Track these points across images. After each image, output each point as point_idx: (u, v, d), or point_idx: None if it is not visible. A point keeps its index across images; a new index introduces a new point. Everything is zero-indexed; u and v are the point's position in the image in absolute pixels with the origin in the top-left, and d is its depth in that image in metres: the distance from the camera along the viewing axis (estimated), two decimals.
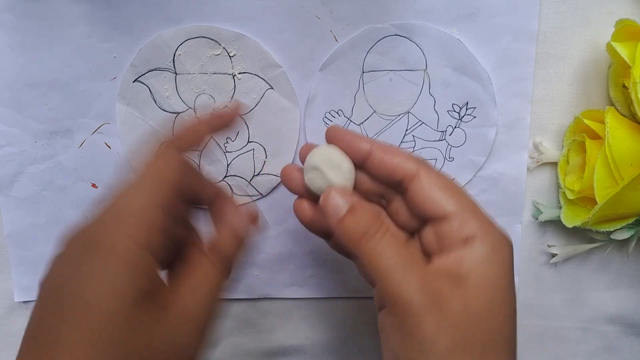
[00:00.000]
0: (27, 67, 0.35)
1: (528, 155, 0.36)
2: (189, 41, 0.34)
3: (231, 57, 0.35)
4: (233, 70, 0.35)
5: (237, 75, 0.35)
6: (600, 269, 0.38)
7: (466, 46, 0.34)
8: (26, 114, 0.35)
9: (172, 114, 0.36)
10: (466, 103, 0.35)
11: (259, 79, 0.35)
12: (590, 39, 0.35)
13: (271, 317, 0.39)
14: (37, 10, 0.34)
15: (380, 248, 0.25)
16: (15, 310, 0.39)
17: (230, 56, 0.35)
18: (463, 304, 0.24)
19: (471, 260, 0.25)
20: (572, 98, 0.36)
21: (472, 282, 0.24)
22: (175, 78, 0.35)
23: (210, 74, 0.35)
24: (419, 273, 0.24)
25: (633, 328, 0.39)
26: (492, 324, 0.24)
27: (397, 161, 0.26)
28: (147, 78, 0.35)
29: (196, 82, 0.35)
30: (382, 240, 0.25)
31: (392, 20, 0.34)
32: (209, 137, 0.34)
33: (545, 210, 0.36)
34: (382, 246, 0.25)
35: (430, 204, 0.26)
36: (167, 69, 0.35)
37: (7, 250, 0.38)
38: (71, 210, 0.37)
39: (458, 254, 0.25)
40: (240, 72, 0.35)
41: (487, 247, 0.25)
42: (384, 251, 0.25)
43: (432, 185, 0.26)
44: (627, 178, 0.31)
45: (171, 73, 0.35)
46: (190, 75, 0.35)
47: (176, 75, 0.35)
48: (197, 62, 0.35)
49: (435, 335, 0.23)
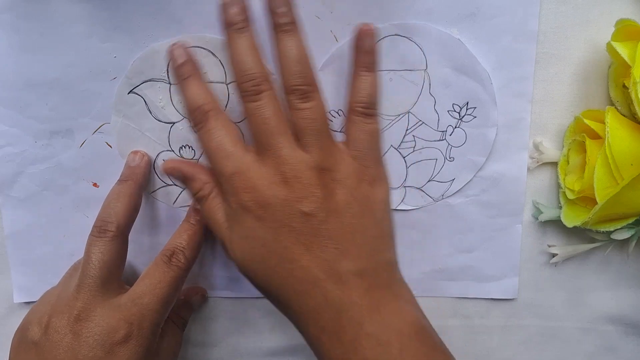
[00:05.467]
0: (27, 67, 0.35)
1: (528, 155, 0.36)
2: None
3: (224, 65, 0.35)
4: (226, 79, 0.35)
5: (231, 83, 0.35)
6: (600, 269, 0.38)
7: (466, 46, 0.34)
8: (26, 114, 0.35)
9: (168, 124, 0.36)
10: (466, 103, 0.35)
11: None
12: (590, 39, 0.35)
13: (271, 317, 0.39)
14: (37, 10, 0.34)
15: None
16: (14, 310, 0.39)
17: (223, 65, 0.35)
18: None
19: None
20: (572, 98, 0.36)
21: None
22: (169, 88, 0.35)
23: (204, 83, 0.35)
24: None
25: (633, 328, 0.39)
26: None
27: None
28: (141, 89, 0.35)
29: None
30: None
31: (392, 20, 0.34)
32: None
33: (546, 210, 0.36)
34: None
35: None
36: (161, 79, 0.35)
37: (7, 251, 0.38)
38: (72, 210, 0.37)
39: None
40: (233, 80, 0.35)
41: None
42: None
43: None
44: (627, 178, 0.31)
45: (165, 83, 0.35)
46: None
47: (170, 86, 0.35)
48: None
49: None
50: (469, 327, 0.39)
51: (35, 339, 0.30)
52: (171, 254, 0.33)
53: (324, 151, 0.30)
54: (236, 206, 0.30)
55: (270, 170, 0.30)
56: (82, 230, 0.34)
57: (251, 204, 0.30)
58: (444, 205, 0.37)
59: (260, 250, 0.30)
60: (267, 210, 0.29)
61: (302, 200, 0.29)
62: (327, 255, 0.29)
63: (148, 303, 0.32)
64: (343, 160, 0.31)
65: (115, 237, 0.32)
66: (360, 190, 0.31)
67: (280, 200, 0.29)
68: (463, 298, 0.39)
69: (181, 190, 0.37)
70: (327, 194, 0.30)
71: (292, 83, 0.30)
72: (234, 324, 0.40)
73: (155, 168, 0.36)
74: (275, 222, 0.29)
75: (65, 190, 0.37)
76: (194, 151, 0.36)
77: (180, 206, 0.37)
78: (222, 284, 0.39)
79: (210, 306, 0.39)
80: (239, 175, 0.30)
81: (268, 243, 0.29)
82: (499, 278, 0.38)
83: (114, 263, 0.32)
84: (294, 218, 0.29)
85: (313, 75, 0.31)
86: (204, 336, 0.40)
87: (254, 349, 0.40)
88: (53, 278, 0.36)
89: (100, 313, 0.31)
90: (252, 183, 0.30)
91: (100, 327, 0.30)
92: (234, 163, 0.30)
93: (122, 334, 0.30)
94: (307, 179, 0.30)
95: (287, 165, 0.30)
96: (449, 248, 0.38)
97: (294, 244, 0.29)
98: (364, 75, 0.32)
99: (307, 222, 0.29)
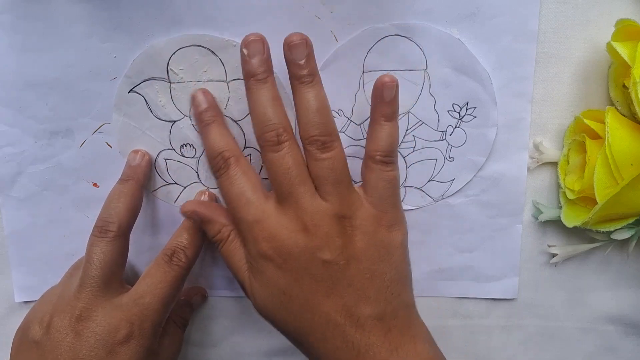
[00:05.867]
0: (27, 67, 0.35)
1: (528, 155, 0.36)
2: (182, 50, 0.34)
3: (224, 64, 0.35)
4: (227, 77, 0.35)
5: (231, 82, 0.35)
6: (600, 269, 0.38)
7: (466, 46, 0.34)
8: (26, 114, 0.35)
9: (169, 123, 0.36)
10: (466, 103, 0.35)
11: None
12: (590, 39, 0.35)
13: None
14: (37, 10, 0.34)
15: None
16: (15, 310, 0.39)
17: (223, 63, 0.35)
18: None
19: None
20: (572, 98, 0.36)
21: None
22: (169, 87, 0.35)
23: (204, 81, 0.35)
24: None
25: (633, 328, 0.39)
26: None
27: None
28: (141, 88, 0.35)
29: (191, 90, 0.35)
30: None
31: (392, 20, 0.34)
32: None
33: (546, 210, 0.36)
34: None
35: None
36: (161, 78, 0.35)
37: (8, 251, 0.38)
38: (72, 210, 0.37)
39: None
40: (234, 78, 0.35)
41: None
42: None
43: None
44: (627, 178, 0.31)
45: (165, 82, 0.35)
46: (185, 84, 0.35)
47: (170, 84, 0.35)
48: (190, 71, 0.35)
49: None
50: (469, 327, 0.39)
51: (37, 338, 0.31)
52: (172, 253, 0.33)
53: (343, 199, 0.31)
54: (256, 254, 0.31)
55: (290, 219, 0.30)
56: (82, 230, 0.34)
57: (272, 252, 0.30)
58: (444, 205, 0.37)
59: (281, 298, 0.30)
60: (287, 258, 0.30)
61: (323, 249, 0.30)
62: (346, 301, 0.30)
63: (149, 303, 0.32)
64: (362, 207, 0.31)
65: (116, 237, 0.32)
66: (378, 235, 0.31)
67: (300, 248, 0.30)
68: (463, 298, 0.39)
69: (182, 189, 0.37)
70: (347, 242, 0.30)
71: (311, 134, 0.30)
72: (234, 324, 0.40)
73: (156, 166, 0.36)
74: (295, 270, 0.30)
75: (65, 190, 0.37)
76: (195, 150, 0.36)
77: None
78: (222, 284, 0.39)
79: (210, 306, 0.39)
80: (260, 224, 0.31)
81: (289, 291, 0.30)
82: (499, 278, 0.38)
83: (115, 263, 0.32)
84: (315, 266, 0.30)
85: (333, 124, 0.31)
86: (204, 336, 0.40)
87: (254, 349, 0.40)
88: (53, 277, 0.36)
89: (102, 313, 0.31)
90: (273, 232, 0.30)
91: (101, 327, 0.30)
92: (255, 211, 0.31)
93: (124, 334, 0.31)
94: (327, 227, 0.30)
95: (307, 214, 0.30)
96: (449, 248, 0.38)
97: (314, 291, 0.30)
98: (384, 124, 0.32)
99: (327, 269, 0.30)
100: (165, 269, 0.33)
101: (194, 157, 0.36)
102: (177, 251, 0.33)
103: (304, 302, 0.30)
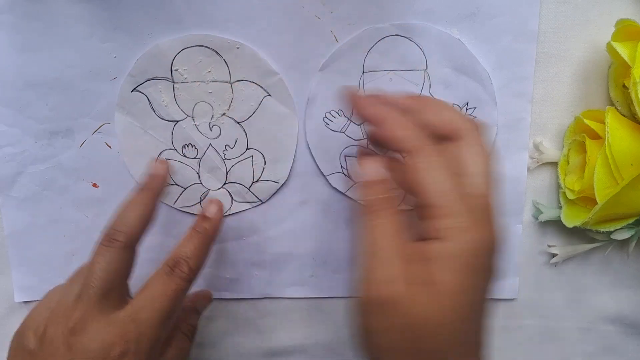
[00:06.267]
0: (27, 67, 0.35)
1: (528, 155, 0.36)
2: (186, 50, 0.34)
3: (228, 65, 0.35)
4: (231, 78, 0.35)
5: (235, 83, 0.35)
6: (600, 269, 0.38)
7: (466, 46, 0.34)
8: (26, 114, 0.35)
9: (171, 123, 0.36)
10: (466, 103, 0.35)
11: (257, 87, 0.35)
12: (590, 39, 0.35)
13: (271, 317, 0.39)
14: (37, 10, 0.34)
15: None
16: (15, 310, 0.39)
17: (227, 64, 0.35)
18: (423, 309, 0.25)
19: (436, 259, 0.25)
20: (572, 98, 0.36)
21: (438, 287, 0.25)
22: (173, 87, 0.35)
23: (208, 82, 0.35)
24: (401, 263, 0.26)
25: (633, 328, 0.39)
26: (453, 328, 0.26)
27: (399, 135, 0.27)
28: (145, 87, 0.35)
29: (194, 91, 0.35)
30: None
31: (392, 20, 0.34)
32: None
33: (546, 210, 0.36)
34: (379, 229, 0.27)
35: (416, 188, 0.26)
36: (165, 78, 0.35)
37: (8, 250, 0.38)
38: (72, 210, 0.37)
39: (428, 247, 0.25)
40: (237, 80, 0.35)
41: (457, 247, 0.26)
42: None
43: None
44: (627, 178, 0.31)
45: (169, 82, 0.35)
46: (188, 84, 0.35)
47: (174, 84, 0.35)
48: (194, 71, 0.35)
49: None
50: None
51: (31, 347, 0.29)
52: (174, 264, 0.31)
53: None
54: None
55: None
56: (82, 230, 0.34)
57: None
58: None
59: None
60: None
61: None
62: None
63: (147, 319, 0.30)
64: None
65: (123, 247, 0.30)
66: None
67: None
68: None
69: (182, 190, 0.37)
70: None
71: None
72: (234, 324, 0.40)
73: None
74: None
75: (65, 190, 0.37)
76: (197, 150, 0.36)
77: (181, 207, 0.37)
78: (222, 285, 0.39)
79: (210, 306, 0.39)
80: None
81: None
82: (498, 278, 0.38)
83: (119, 274, 0.30)
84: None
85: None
86: (203, 336, 0.40)
87: (254, 349, 0.40)
88: (53, 277, 0.36)
89: (96, 327, 0.29)
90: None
91: (95, 342, 0.29)
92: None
93: (118, 352, 0.29)
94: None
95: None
96: None
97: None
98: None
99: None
100: (165, 280, 0.31)
101: (195, 158, 0.36)
102: (180, 262, 0.31)
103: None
